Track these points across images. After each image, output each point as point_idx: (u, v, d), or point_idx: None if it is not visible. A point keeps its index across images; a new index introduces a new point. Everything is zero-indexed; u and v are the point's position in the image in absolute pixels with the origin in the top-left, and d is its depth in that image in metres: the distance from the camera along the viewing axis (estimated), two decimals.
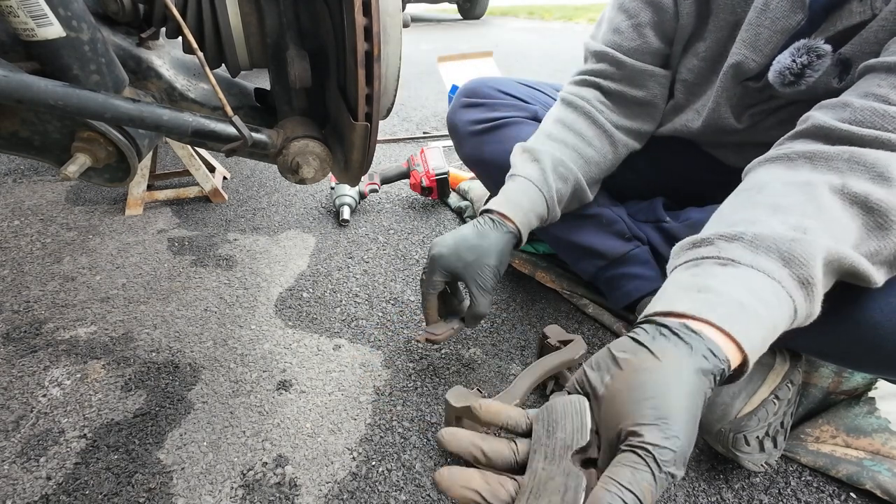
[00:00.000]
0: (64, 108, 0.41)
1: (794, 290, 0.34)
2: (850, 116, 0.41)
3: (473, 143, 0.84)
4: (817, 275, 0.34)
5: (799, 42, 0.51)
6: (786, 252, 0.34)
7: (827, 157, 0.40)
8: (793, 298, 0.34)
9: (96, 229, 1.18)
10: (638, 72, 0.67)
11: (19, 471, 0.61)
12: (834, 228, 0.36)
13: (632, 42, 0.66)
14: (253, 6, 0.47)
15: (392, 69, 0.48)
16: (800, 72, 0.51)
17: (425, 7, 7.16)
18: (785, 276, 0.34)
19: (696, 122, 0.67)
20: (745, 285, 0.34)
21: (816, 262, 0.34)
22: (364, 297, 0.93)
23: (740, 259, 0.35)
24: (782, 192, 0.39)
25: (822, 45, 0.49)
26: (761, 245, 0.35)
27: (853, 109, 0.41)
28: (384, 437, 0.65)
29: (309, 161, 0.52)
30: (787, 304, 0.34)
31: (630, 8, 0.65)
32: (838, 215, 0.37)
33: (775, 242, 0.35)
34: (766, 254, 0.35)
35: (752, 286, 0.34)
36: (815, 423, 0.62)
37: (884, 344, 0.44)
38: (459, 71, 1.82)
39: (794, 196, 0.38)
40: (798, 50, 0.51)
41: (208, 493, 0.58)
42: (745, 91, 0.60)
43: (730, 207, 0.42)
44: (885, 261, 0.38)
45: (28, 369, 0.77)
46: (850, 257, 0.35)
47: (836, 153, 0.40)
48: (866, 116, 0.40)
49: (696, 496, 0.57)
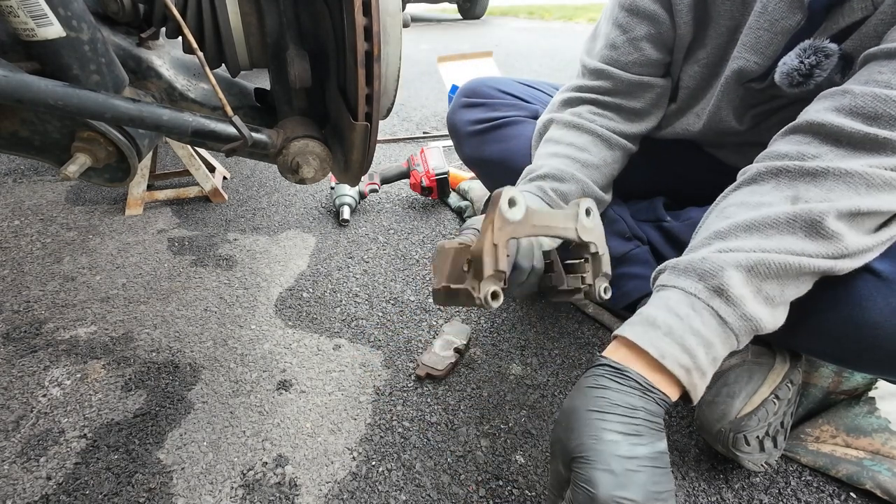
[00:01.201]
0: (64, 108, 0.41)
1: (710, 298, 0.40)
2: (849, 103, 0.42)
3: (473, 143, 0.84)
4: (730, 282, 0.39)
5: (804, 43, 0.51)
6: (699, 269, 0.41)
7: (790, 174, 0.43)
8: (710, 306, 0.40)
9: (96, 229, 1.18)
10: (635, 84, 0.66)
11: (19, 471, 0.61)
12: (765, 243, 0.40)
13: (628, 56, 0.65)
14: (253, 6, 0.47)
15: (392, 69, 0.48)
16: (808, 72, 0.50)
17: (425, 7, 7.16)
18: (700, 288, 0.40)
19: (696, 125, 0.67)
20: (664, 303, 0.41)
21: (727, 272, 0.39)
22: (364, 297, 0.93)
23: (666, 282, 0.43)
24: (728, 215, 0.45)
25: (829, 45, 0.49)
26: (680, 267, 0.42)
27: (853, 96, 0.42)
28: (384, 437, 0.65)
29: (309, 161, 0.52)
30: (706, 311, 0.40)
31: (624, 23, 0.64)
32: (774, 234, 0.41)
33: (691, 263, 0.42)
34: (684, 274, 0.42)
35: (668, 303, 0.41)
36: (815, 423, 0.62)
37: (884, 344, 0.44)
38: (459, 71, 1.82)
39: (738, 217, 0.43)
40: (805, 51, 0.50)
41: (208, 493, 0.58)
42: (748, 92, 0.60)
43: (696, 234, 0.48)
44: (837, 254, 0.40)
45: (28, 369, 0.77)
46: (775, 259, 0.39)
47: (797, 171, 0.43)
48: (867, 102, 0.41)
49: (696, 496, 0.57)
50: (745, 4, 0.56)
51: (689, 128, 0.68)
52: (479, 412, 0.69)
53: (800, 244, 0.40)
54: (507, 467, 0.61)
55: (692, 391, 0.39)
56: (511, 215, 0.42)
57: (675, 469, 0.60)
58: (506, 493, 0.58)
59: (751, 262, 0.39)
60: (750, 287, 0.40)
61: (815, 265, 0.40)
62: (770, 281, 0.40)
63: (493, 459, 0.62)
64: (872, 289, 0.44)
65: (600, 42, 0.68)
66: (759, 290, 0.40)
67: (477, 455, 0.63)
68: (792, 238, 0.41)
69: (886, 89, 0.40)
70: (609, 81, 0.67)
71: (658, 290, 0.43)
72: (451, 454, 0.63)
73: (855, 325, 0.45)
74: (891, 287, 0.43)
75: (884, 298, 0.43)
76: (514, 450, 0.63)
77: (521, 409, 0.69)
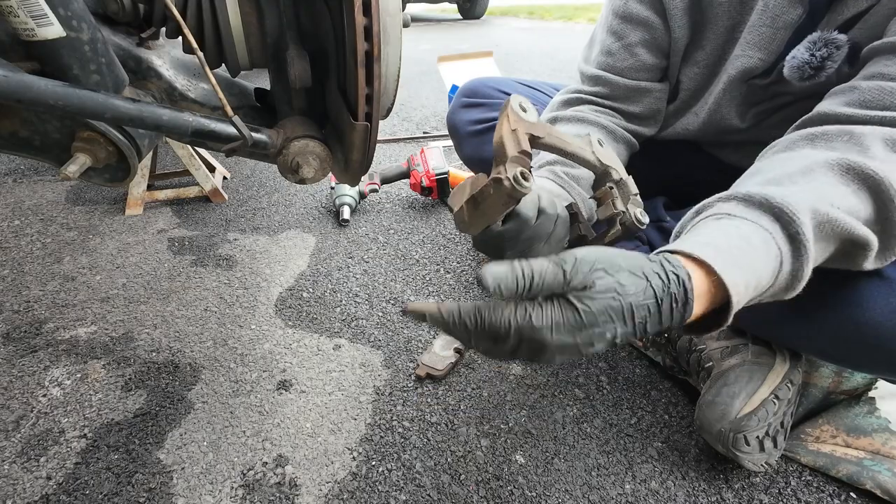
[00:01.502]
0: (64, 108, 0.40)
1: (783, 242, 0.35)
2: (857, 98, 0.43)
3: (473, 143, 0.84)
4: (806, 232, 0.35)
5: (813, 35, 0.51)
6: (776, 207, 0.36)
7: (827, 136, 0.42)
8: (780, 248, 0.35)
9: (96, 229, 1.18)
10: (633, 90, 0.66)
11: (19, 471, 0.61)
12: (827, 194, 0.37)
13: (624, 62, 0.65)
14: (253, 6, 0.47)
15: (392, 69, 0.48)
16: (820, 65, 0.50)
17: (425, 7, 7.15)
18: (775, 228, 0.35)
19: (694, 124, 0.67)
20: (732, 231, 0.35)
21: (805, 217, 0.35)
22: (364, 297, 0.93)
23: (733, 212, 0.37)
24: (779, 168, 0.41)
25: (838, 36, 0.49)
26: (753, 201, 0.37)
27: (861, 91, 0.43)
28: (384, 436, 0.65)
29: (309, 161, 0.52)
30: (774, 250, 0.34)
31: (618, 30, 0.65)
32: (832, 183, 0.38)
33: (767, 199, 0.36)
34: (758, 209, 0.36)
35: (740, 231, 0.35)
36: (815, 423, 0.62)
37: (884, 344, 0.44)
38: (459, 71, 1.82)
39: (790, 169, 0.40)
40: (815, 44, 0.50)
41: (208, 493, 0.58)
42: (751, 90, 0.60)
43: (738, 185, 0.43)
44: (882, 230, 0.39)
45: (28, 369, 0.77)
46: (841, 219, 0.36)
47: (836, 132, 0.41)
48: (874, 95, 0.42)
49: (696, 496, 0.57)
50: (744, 3, 0.56)
51: (688, 127, 0.68)
52: (479, 412, 0.69)
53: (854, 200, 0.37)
54: (507, 467, 0.61)
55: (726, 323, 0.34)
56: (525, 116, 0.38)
57: (675, 469, 0.60)
58: (506, 493, 0.58)
59: (820, 218, 0.36)
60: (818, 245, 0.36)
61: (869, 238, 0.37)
62: (821, 243, 0.37)
63: (493, 459, 0.62)
64: (873, 288, 0.44)
65: (596, 49, 0.69)
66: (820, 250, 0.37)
67: (477, 455, 0.63)
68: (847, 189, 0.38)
69: (892, 82, 0.41)
70: (607, 87, 0.67)
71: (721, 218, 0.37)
72: (451, 454, 0.63)
73: (855, 324, 0.45)
74: (891, 287, 0.43)
75: (884, 298, 0.44)
76: (514, 450, 0.63)
77: (521, 409, 0.69)
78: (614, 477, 0.60)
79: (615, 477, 0.60)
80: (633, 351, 0.79)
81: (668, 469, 0.60)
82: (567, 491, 0.58)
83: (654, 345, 0.75)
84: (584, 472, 0.60)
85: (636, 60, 0.65)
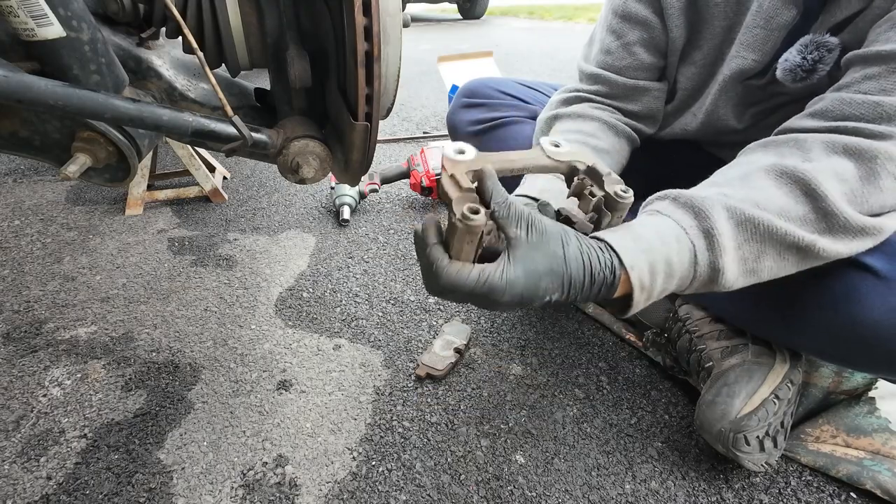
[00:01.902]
0: (64, 108, 0.40)
1: (697, 236, 0.40)
2: (820, 108, 0.45)
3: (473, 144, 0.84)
4: (719, 227, 0.39)
5: (805, 38, 0.51)
6: (696, 207, 0.41)
7: (776, 143, 0.46)
8: (693, 242, 0.40)
9: (96, 229, 1.18)
10: (631, 88, 0.67)
11: (20, 471, 0.61)
12: (755, 197, 0.41)
13: (622, 61, 0.66)
14: (253, 6, 0.47)
15: (392, 69, 0.48)
16: (811, 67, 0.51)
17: (425, 7, 7.15)
18: (692, 225, 0.40)
19: (693, 124, 0.67)
20: (654, 226, 0.41)
21: (718, 215, 0.40)
22: (364, 297, 0.93)
23: (663, 210, 0.42)
24: (725, 173, 0.46)
25: (830, 39, 0.50)
26: (679, 201, 0.42)
27: (825, 101, 0.45)
28: (384, 436, 0.65)
29: (309, 161, 0.52)
30: (687, 244, 0.40)
31: (617, 28, 0.65)
32: (764, 186, 0.42)
33: (689, 199, 0.41)
34: (681, 207, 0.42)
35: (660, 227, 0.41)
36: (815, 423, 0.62)
37: (883, 343, 0.44)
38: (459, 71, 1.82)
39: (732, 174, 0.45)
40: (806, 47, 0.51)
41: (208, 493, 0.58)
42: (747, 90, 0.60)
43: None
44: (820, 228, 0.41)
45: (28, 369, 0.77)
46: (761, 217, 0.40)
47: (784, 140, 0.45)
48: (834, 105, 0.44)
49: (696, 496, 0.57)
50: (740, 4, 0.56)
51: (686, 127, 0.68)
52: (479, 412, 0.69)
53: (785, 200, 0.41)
54: (507, 467, 0.61)
55: (634, 307, 0.40)
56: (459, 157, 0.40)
57: (675, 469, 0.60)
58: (506, 493, 0.58)
59: (742, 217, 0.40)
60: (734, 241, 0.40)
61: (798, 235, 0.40)
62: (752, 243, 0.40)
63: (493, 459, 0.62)
64: (870, 287, 0.44)
65: (595, 47, 0.69)
66: (739, 248, 0.40)
67: (477, 455, 0.63)
68: (779, 191, 0.41)
69: (853, 93, 0.43)
70: (605, 86, 0.67)
71: (652, 214, 0.43)
72: (452, 454, 0.63)
73: (853, 323, 0.45)
74: (889, 285, 0.44)
75: (882, 297, 0.44)
76: (514, 450, 0.63)
77: (521, 409, 0.69)
78: (614, 477, 0.60)
79: (615, 477, 0.60)
80: (633, 351, 0.79)
81: (668, 469, 0.60)
82: (567, 491, 0.58)
83: (654, 345, 0.75)
84: (584, 472, 0.60)
85: (634, 59, 0.65)
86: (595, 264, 0.38)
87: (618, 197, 0.41)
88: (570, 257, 0.37)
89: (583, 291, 0.38)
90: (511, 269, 0.36)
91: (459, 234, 0.36)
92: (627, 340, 0.80)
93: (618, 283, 0.38)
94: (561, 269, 0.37)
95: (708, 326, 0.64)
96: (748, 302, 0.57)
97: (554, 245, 0.37)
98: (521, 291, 0.36)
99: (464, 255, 0.38)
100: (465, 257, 0.38)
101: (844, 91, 0.44)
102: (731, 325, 0.63)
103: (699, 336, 0.64)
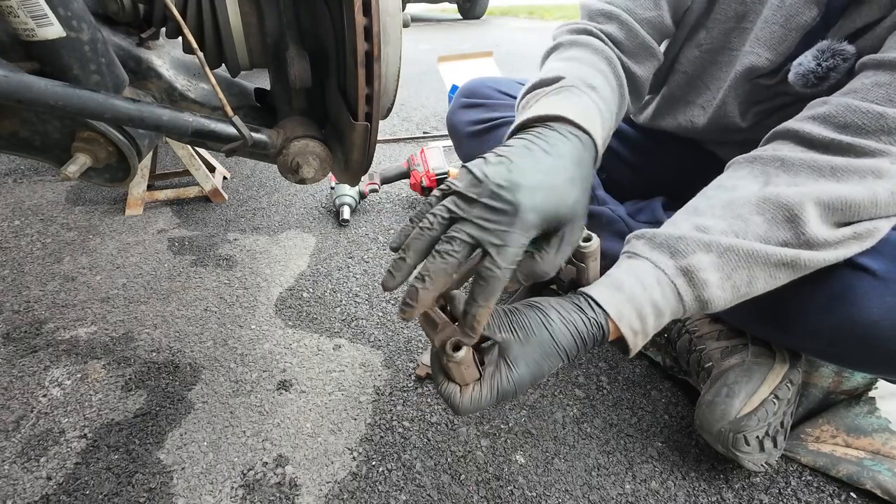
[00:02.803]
0: (64, 108, 0.41)
1: (676, 275, 0.40)
2: (824, 112, 0.44)
3: (473, 144, 0.84)
4: (697, 264, 0.40)
5: (822, 44, 0.50)
6: (673, 247, 0.41)
7: (762, 160, 0.45)
8: (673, 282, 0.40)
9: (96, 229, 1.18)
10: (645, 47, 0.59)
11: (19, 471, 0.61)
12: (737, 226, 0.42)
13: (647, 12, 0.58)
14: (253, 6, 0.47)
15: (392, 69, 0.48)
16: (825, 75, 0.50)
17: (425, 7, 7.15)
18: (669, 265, 0.41)
19: (701, 119, 0.66)
20: (633, 272, 0.42)
21: (697, 254, 0.41)
22: (364, 297, 0.93)
23: (640, 252, 0.43)
24: (707, 195, 0.46)
25: (847, 48, 0.49)
26: (656, 242, 0.43)
27: (829, 105, 0.44)
28: (384, 436, 0.65)
29: (309, 161, 0.52)
30: (667, 283, 0.40)
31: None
32: (745, 216, 0.42)
33: (668, 240, 0.42)
34: (658, 248, 0.42)
35: (638, 272, 0.41)
36: (815, 423, 0.62)
37: (882, 343, 0.44)
38: (459, 71, 1.82)
39: (715, 201, 0.45)
40: (822, 53, 0.50)
41: (208, 493, 0.58)
42: (755, 88, 0.59)
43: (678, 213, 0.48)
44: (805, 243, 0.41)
45: (28, 369, 0.77)
46: (741, 245, 0.40)
47: (769, 158, 0.44)
48: (839, 111, 0.43)
49: (697, 496, 0.57)
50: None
51: (693, 120, 0.67)
52: (479, 412, 0.69)
53: (767, 227, 0.41)
54: (507, 467, 0.61)
55: (633, 349, 0.41)
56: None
57: (675, 469, 0.60)
58: (506, 493, 0.58)
59: (722, 247, 0.40)
60: (719, 273, 0.40)
61: (780, 254, 0.40)
62: (740, 270, 0.41)
63: (493, 459, 0.62)
64: (868, 287, 0.44)
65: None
66: (729, 277, 0.41)
67: (477, 455, 0.63)
68: (760, 219, 0.41)
69: (860, 100, 0.42)
70: (622, 31, 0.58)
71: (631, 257, 0.43)
72: (452, 454, 0.63)
73: (852, 323, 0.45)
74: (887, 285, 0.44)
75: (880, 297, 0.44)
76: (514, 450, 0.63)
77: (521, 409, 0.69)
78: (614, 477, 0.60)
79: (615, 477, 0.60)
80: None
81: (668, 469, 0.60)
82: (567, 491, 0.58)
83: (654, 345, 0.75)
84: (585, 472, 0.60)
85: (658, 14, 0.58)
86: (582, 328, 0.39)
87: (581, 248, 0.43)
88: (557, 335, 0.39)
89: (579, 353, 0.40)
90: (514, 372, 0.39)
91: (454, 368, 0.39)
92: None
93: (608, 334, 0.40)
94: (554, 349, 0.39)
95: (707, 326, 0.64)
96: (746, 304, 0.57)
97: (539, 332, 0.39)
98: (528, 382, 0.39)
99: (469, 378, 0.40)
100: (471, 378, 0.40)
101: (851, 97, 0.43)
102: (731, 326, 0.63)
103: (699, 336, 0.64)
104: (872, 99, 0.42)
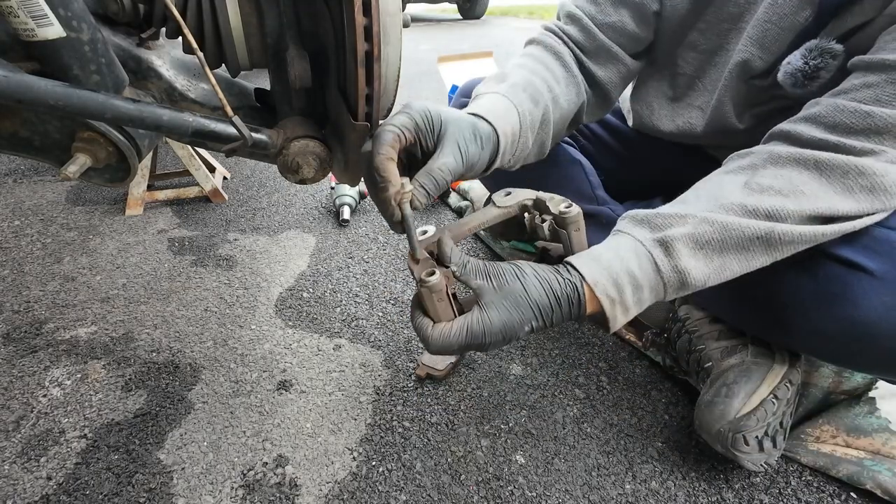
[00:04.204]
0: (64, 108, 0.40)
1: (653, 246, 0.43)
2: (815, 112, 0.45)
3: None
4: (675, 236, 0.42)
5: (810, 43, 0.50)
6: (653, 222, 0.44)
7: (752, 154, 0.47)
8: (650, 252, 0.43)
9: (96, 229, 1.18)
10: (605, 49, 0.63)
11: (20, 471, 0.61)
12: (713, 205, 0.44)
13: (606, 17, 0.63)
14: (253, 6, 0.47)
15: (392, 69, 0.48)
16: (813, 74, 0.50)
17: (425, 7, 7.15)
18: (647, 237, 0.43)
19: (699, 121, 0.66)
20: (614, 244, 0.44)
21: (675, 227, 0.43)
22: (364, 297, 0.93)
23: (625, 229, 0.46)
24: (696, 187, 0.49)
25: (834, 46, 0.49)
26: (638, 218, 0.46)
27: (820, 106, 0.45)
28: (384, 437, 0.65)
29: (309, 161, 0.52)
30: (644, 255, 0.43)
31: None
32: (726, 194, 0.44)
33: (647, 216, 0.45)
34: (639, 224, 0.45)
35: (619, 244, 0.44)
36: (815, 423, 0.62)
37: (880, 342, 0.44)
38: (459, 71, 1.82)
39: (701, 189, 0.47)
40: (810, 52, 0.50)
41: (209, 493, 0.58)
42: (750, 89, 0.60)
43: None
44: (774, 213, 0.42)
45: (28, 369, 0.77)
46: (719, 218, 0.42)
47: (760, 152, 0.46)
48: (828, 111, 0.44)
49: (697, 496, 0.57)
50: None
51: (691, 122, 0.67)
52: (479, 412, 0.69)
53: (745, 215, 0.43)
54: (507, 467, 0.61)
55: (612, 321, 0.43)
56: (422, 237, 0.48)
57: (675, 469, 0.60)
58: (506, 493, 0.58)
59: (697, 219, 0.43)
60: (693, 242, 0.42)
61: (754, 226, 0.42)
62: (714, 242, 0.42)
63: (493, 459, 0.62)
64: (866, 286, 0.44)
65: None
66: (702, 247, 0.43)
67: (477, 455, 0.63)
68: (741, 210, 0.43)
69: (849, 100, 0.43)
70: (581, 33, 0.64)
71: (615, 234, 0.46)
72: (452, 454, 0.63)
73: (850, 323, 0.45)
74: (884, 284, 0.44)
75: (877, 296, 0.44)
76: (514, 450, 0.63)
77: (521, 409, 0.69)
78: (614, 477, 0.60)
79: (615, 477, 0.60)
80: (633, 351, 0.79)
81: (668, 469, 0.60)
82: (567, 491, 0.58)
83: (654, 345, 0.75)
84: (585, 472, 0.60)
85: (618, 19, 0.62)
86: (556, 286, 0.41)
87: (562, 214, 0.45)
88: (529, 286, 0.41)
89: (553, 313, 0.42)
90: (485, 315, 0.41)
91: (427, 296, 0.41)
92: (627, 340, 0.80)
93: (584, 298, 0.42)
94: (525, 301, 0.41)
95: (707, 327, 0.64)
96: (745, 304, 0.57)
97: (512, 282, 0.41)
98: (499, 329, 0.41)
99: (443, 315, 0.43)
100: (445, 317, 0.43)
101: (841, 97, 0.44)
102: (731, 326, 0.63)
103: (699, 336, 0.64)
104: (861, 99, 0.42)
